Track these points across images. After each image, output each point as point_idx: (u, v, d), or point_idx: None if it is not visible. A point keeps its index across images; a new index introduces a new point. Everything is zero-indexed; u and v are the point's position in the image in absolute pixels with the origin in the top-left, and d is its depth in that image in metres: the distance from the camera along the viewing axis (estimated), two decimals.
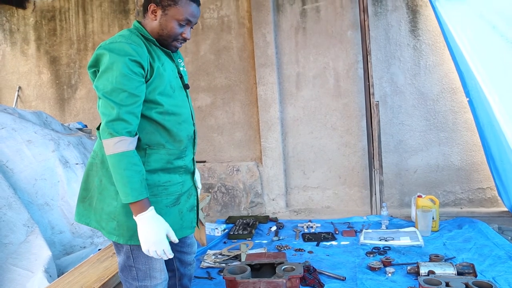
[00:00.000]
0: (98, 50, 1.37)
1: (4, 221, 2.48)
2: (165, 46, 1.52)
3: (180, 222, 1.54)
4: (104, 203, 1.46)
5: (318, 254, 2.89)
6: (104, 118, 1.33)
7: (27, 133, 3.12)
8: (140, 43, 1.41)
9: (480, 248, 2.77)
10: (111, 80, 1.32)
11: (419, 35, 3.76)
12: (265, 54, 4.06)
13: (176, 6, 1.44)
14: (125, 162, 1.32)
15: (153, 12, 1.47)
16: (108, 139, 1.31)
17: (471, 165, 3.72)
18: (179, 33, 1.49)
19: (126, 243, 1.45)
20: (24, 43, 4.96)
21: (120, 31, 1.49)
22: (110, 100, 1.32)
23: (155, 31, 1.48)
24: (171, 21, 1.46)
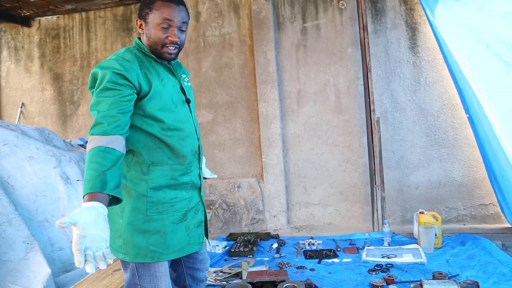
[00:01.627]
0: (92, 70, 1.40)
1: (4, 238, 2.46)
2: (160, 56, 1.51)
3: (187, 238, 1.52)
4: (111, 221, 1.41)
5: (320, 271, 2.86)
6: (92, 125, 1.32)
7: (29, 149, 3.13)
8: (131, 60, 1.42)
9: (484, 266, 2.73)
10: (96, 93, 1.35)
11: (419, 52, 3.80)
12: (266, 71, 4.10)
13: (152, 11, 1.47)
14: (88, 158, 1.26)
15: (140, 27, 1.51)
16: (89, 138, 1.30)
17: (473, 181, 3.70)
18: (164, 37, 1.48)
19: (132, 261, 1.44)
20: (28, 60, 5.02)
21: (121, 50, 1.52)
22: (95, 110, 1.33)
23: (147, 44, 1.50)
24: (153, 28, 1.47)
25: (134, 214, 1.44)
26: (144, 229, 1.44)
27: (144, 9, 1.49)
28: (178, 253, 1.49)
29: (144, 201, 1.44)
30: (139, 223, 1.44)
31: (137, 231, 1.41)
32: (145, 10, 1.48)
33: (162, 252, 1.46)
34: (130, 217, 1.43)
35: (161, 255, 1.46)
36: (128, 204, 1.44)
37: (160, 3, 1.47)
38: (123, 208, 1.44)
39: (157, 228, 1.46)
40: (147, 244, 1.44)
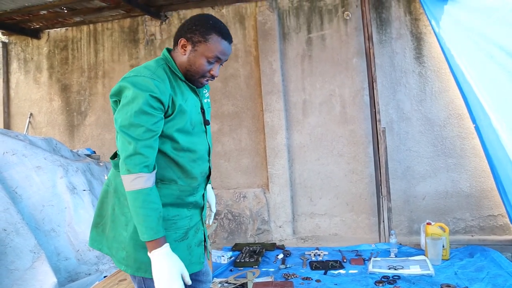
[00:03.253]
0: (122, 82, 1.35)
1: (11, 247, 2.48)
2: (192, 81, 1.48)
3: (189, 257, 1.50)
4: (116, 232, 1.45)
5: (326, 283, 2.83)
6: (122, 153, 1.32)
7: (37, 159, 3.16)
8: (164, 78, 1.38)
9: (494, 278, 2.69)
10: (129, 115, 1.30)
11: (424, 62, 3.81)
12: (271, 81, 4.12)
13: (207, 43, 1.41)
14: (141, 200, 1.30)
15: (183, 47, 1.44)
16: (126, 175, 1.30)
17: (480, 192, 3.66)
18: (207, 70, 1.45)
19: (133, 274, 1.44)
20: (37, 72, 5.10)
21: (150, 61, 1.46)
22: (127, 134, 1.30)
23: (183, 66, 1.45)
24: (200, 58, 1.42)
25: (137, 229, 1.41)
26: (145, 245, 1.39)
27: (196, 35, 1.42)
28: None
29: None
30: None
31: (140, 246, 1.39)
32: (198, 37, 1.41)
33: None
34: (133, 231, 1.41)
35: None
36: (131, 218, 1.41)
37: (216, 38, 1.42)
38: (128, 221, 1.42)
39: None
40: (149, 259, 1.39)
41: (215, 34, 1.41)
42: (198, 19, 1.44)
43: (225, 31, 1.44)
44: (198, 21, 1.43)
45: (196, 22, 1.43)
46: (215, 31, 1.41)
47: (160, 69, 1.40)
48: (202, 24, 1.42)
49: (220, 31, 1.42)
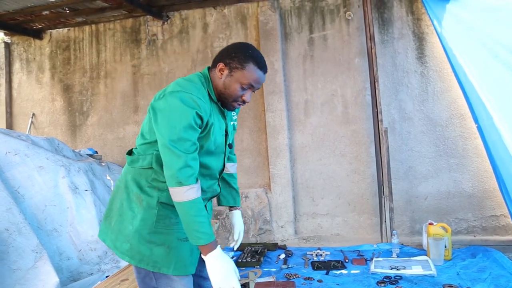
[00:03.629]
0: (171, 97, 1.40)
1: (14, 247, 2.49)
2: (224, 104, 1.57)
3: (190, 258, 1.56)
4: (122, 225, 1.53)
5: (327, 283, 2.83)
6: (172, 166, 1.38)
7: (39, 159, 3.17)
8: (206, 100, 1.48)
9: (496, 279, 2.68)
10: (178, 129, 1.38)
11: (426, 62, 3.80)
12: (273, 81, 4.12)
13: (243, 70, 1.49)
14: (196, 209, 1.40)
15: (220, 71, 1.52)
16: (178, 187, 1.38)
17: (483, 192, 3.65)
18: (240, 95, 1.53)
19: (136, 265, 1.52)
20: (40, 72, 5.11)
21: (192, 77, 1.53)
22: (176, 148, 1.37)
23: (218, 88, 1.53)
24: (235, 83, 1.50)
25: (142, 224, 1.51)
26: (149, 239, 1.51)
27: (234, 61, 1.50)
28: (178, 270, 1.52)
29: (154, 214, 1.51)
30: (146, 233, 1.51)
31: (143, 239, 1.49)
32: (236, 63, 1.50)
33: (163, 265, 1.51)
34: (138, 226, 1.50)
35: (162, 267, 1.51)
36: (138, 213, 1.51)
37: (253, 67, 1.50)
38: (134, 216, 1.51)
39: (162, 241, 1.52)
40: (151, 253, 1.51)
41: (252, 63, 1.50)
42: (239, 47, 1.54)
43: (262, 61, 1.53)
44: (238, 49, 1.53)
45: (236, 49, 1.53)
46: (253, 60, 1.50)
47: (203, 88, 1.50)
48: (241, 52, 1.51)
49: (257, 60, 1.51)
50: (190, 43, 4.53)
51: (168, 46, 4.61)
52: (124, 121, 4.76)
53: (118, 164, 4.55)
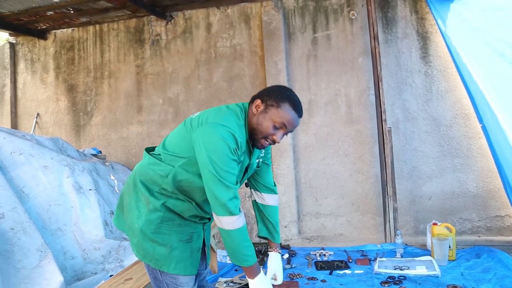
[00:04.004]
0: (215, 131, 1.44)
1: (19, 246, 2.50)
2: (253, 140, 1.59)
3: (190, 259, 1.63)
4: (130, 221, 1.62)
5: (331, 283, 2.82)
6: (221, 196, 1.45)
7: (43, 158, 3.19)
8: (244, 137, 1.53)
9: (501, 279, 2.66)
10: (225, 164, 1.44)
11: (430, 61, 3.78)
12: (277, 81, 4.12)
13: (278, 108, 1.52)
14: (244, 235, 1.51)
15: (256, 107, 1.55)
16: (228, 216, 1.46)
17: (487, 192, 3.64)
18: (271, 134, 1.54)
19: (141, 259, 1.61)
20: (44, 72, 5.13)
21: (234, 109, 1.56)
22: (226, 180, 1.44)
23: (251, 124, 1.56)
24: (268, 121, 1.53)
25: (147, 224, 1.57)
26: (153, 239, 1.57)
27: (271, 99, 1.53)
28: (178, 270, 1.58)
29: (159, 216, 1.57)
30: (150, 233, 1.57)
31: (148, 238, 1.56)
32: (272, 101, 1.53)
33: (164, 263, 1.58)
34: (143, 225, 1.57)
35: (163, 265, 1.58)
36: (144, 214, 1.58)
37: (288, 107, 1.52)
38: (139, 215, 1.58)
39: (165, 241, 1.58)
40: (153, 252, 1.58)
41: (288, 104, 1.52)
42: (278, 88, 1.59)
43: (298, 104, 1.55)
44: (277, 89, 1.57)
45: (275, 89, 1.57)
46: (289, 101, 1.53)
47: (243, 127, 1.55)
48: (279, 92, 1.55)
49: (293, 103, 1.54)
50: (194, 43, 4.54)
51: (172, 46, 4.62)
52: (128, 121, 4.77)
53: (122, 163, 4.56)
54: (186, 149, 1.53)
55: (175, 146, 1.57)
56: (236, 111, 1.56)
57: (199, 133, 1.47)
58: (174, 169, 1.55)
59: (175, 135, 1.61)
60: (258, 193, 1.86)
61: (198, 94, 4.51)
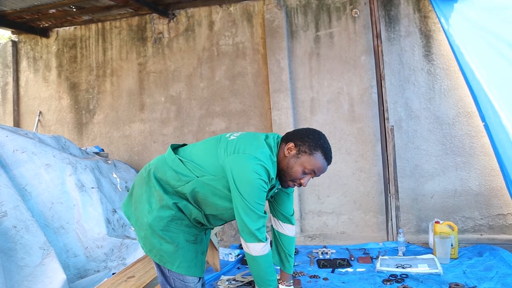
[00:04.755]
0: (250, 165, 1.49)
1: (21, 244, 2.51)
2: (280, 179, 1.63)
3: (194, 260, 1.67)
4: (139, 214, 1.64)
5: (333, 281, 2.83)
6: (251, 225, 1.53)
7: (46, 157, 3.19)
8: (274, 170, 1.58)
9: (503, 278, 2.66)
10: (256, 196, 1.51)
11: (433, 60, 3.77)
12: (279, 79, 4.12)
13: (310, 156, 1.56)
14: (269, 261, 1.59)
15: (289, 150, 1.59)
16: (257, 243, 1.55)
17: (490, 190, 3.63)
18: (299, 178, 1.60)
19: (147, 253, 1.65)
20: (46, 70, 5.14)
21: (269, 146, 1.59)
22: (255, 210, 1.52)
23: (280, 164, 1.60)
24: (299, 166, 1.57)
25: (157, 220, 1.59)
26: (161, 235, 1.60)
27: (304, 145, 1.57)
28: (181, 269, 1.62)
29: (170, 214, 1.60)
30: (158, 230, 1.59)
31: (156, 234, 1.59)
32: (305, 148, 1.57)
33: (168, 261, 1.61)
34: (153, 220, 1.59)
35: (167, 262, 1.61)
36: (155, 210, 1.60)
37: (320, 156, 1.57)
38: (150, 210, 1.60)
39: (172, 239, 1.61)
40: (160, 248, 1.60)
41: (320, 153, 1.57)
42: (313, 134, 1.62)
43: (329, 153, 1.61)
44: (312, 135, 1.61)
45: (310, 135, 1.61)
46: (322, 150, 1.58)
47: (275, 164, 1.59)
48: (313, 139, 1.59)
49: (325, 152, 1.59)
50: (196, 41, 4.54)
51: (174, 44, 4.62)
52: (130, 119, 4.78)
53: (125, 162, 4.57)
54: (213, 168, 1.55)
55: (203, 160, 1.59)
56: (270, 146, 1.59)
57: (234, 161, 1.51)
58: (196, 179, 1.57)
59: (205, 149, 1.63)
60: (276, 221, 1.88)
61: (200, 92, 4.51)
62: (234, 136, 1.61)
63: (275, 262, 1.88)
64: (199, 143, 1.70)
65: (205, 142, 1.69)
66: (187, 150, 1.67)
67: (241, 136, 1.61)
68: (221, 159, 1.53)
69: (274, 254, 1.89)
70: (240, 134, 1.64)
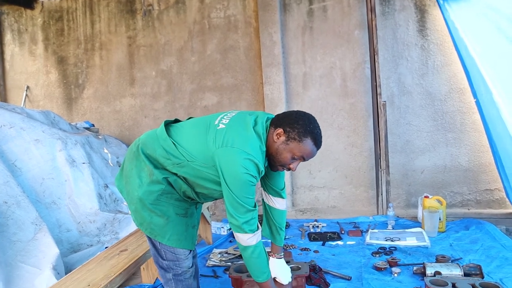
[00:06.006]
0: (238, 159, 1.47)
1: (13, 219, 2.50)
2: (269, 164, 1.62)
3: (185, 233, 1.68)
4: (129, 188, 1.65)
5: (324, 253, 2.89)
6: (239, 218, 1.55)
7: (35, 132, 3.15)
8: (263, 162, 1.56)
9: (488, 250, 2.74)
10: (245, 191, 1.52)
11: (427, 35, 3.74)
12: (271, 53, 4.06)
13: (300, 143, 1.54)
14: (258, 252, 1.59)
15: (278, 135, 1.56)
16: (243, 234, 1.56)
17: (478, 166, 3.68)
18: (288, 164, 1.59)
19: (138, 227, 1.68)
20: (32, 43, 5.00)
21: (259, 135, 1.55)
22: (244, 204, 1.53)
23: (269, 150, 1.58)
24: (288, 152, 1.56)
25: (147, 194, 1.60)
26: (151, 209, 1.61)
27: (294, 132, 1.54)
28: (172, 242, 1.64)
29: (160, 188, 1.60)
30: (148, 203, 1.61)
31: (146, 208, 1.61)
32: (294, 135, 1.54)
33: (159, 233, 1.63)
34: (143, 194, 1.60)
35: (157, 235, 1.64)
36: (145, 184, 1.60)
37: (310, 142, 1.55)
38: (140, 184, 1.60)
39: (162, 212, 1.62)
40: (150, 221, 1.63)
41: (310, 139, 1.55)
42: (302, 119, 1.58)
43: (319, 138, 1.59)
44: (302, 121, 1.57)
45: (300, 121, 1.57)
46: (311, 136, 1.55)
47: (264, 154, 1.57)
48: (303, 125, 1.55)
49: (315, 137, 1.57)
50: (187, 13, 4.43)
51: (164, 16, 4.50)
52: (121, 94, 4.71)
53: (116, 137, 4.53)
54: (203, 156, 1.54)
55: (193, 147, 1.57)
56: (259, 134, 1.55)
57: (223, 155, 1.49)
58: (187, 162, 1.57)
59: (195, 135, 1.59)
60: (267, 195, 1.89)
61: (191, 66, 4.44)
62: (223, 124, 1.56)
63: (265, 235, 1.91)
64: (190, 125, 1.65)
65: (195, 125, 1.64)
66: (179, 131, 1.63)
67: (229, 124, 1.56)
68: (211, 150, 1.51)
69: (265, 227, 1.91)
70: (229, 120, 1.59)
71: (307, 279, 2.28)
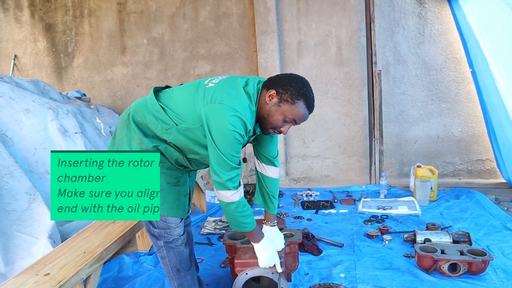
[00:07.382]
0: (226, 115, 1.44)
1: (7, 189, 2.50)
2: (260, 126, 1.60)
3: (176, 202, 1.68)
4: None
5: (316, 221, 2.94)
6: (223, 175, 1.52)
7: (25, 102, 3.09)
8: (252, 121, 1.55)
9: (476, 218, 2.81)
10: (231, 148, 1.49)
11: (425, 2, 3.65)
12: (266, 21, 3.96)
13: (292, 105, 1.52)
14: (241, 206, 1.57)
15: (270, 97, 1.54)
16: (227, 191, 1.53)
17: (471, 137, 3.71)
18: (280, 126, 1.57)
19: None
20: (18, 10, 4.82)
21: (249, 95, 1.53)
22: (229, 161, 1.50)
23: (261, 111, 1.56)
24: (280, 115, 1.54)
25: None
26: None
27: (286, 94, 1.52)
28: (164, 211, 1.64)
29: None
30: None
31: None
32: (287, 97, 1.52)
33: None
34: None
35: None
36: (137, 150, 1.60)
37: (302, 105, 1.53)
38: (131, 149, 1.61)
39: None
40: None
41: (302, 102, 1.53)
42: (296, 81, 1.56)
43: (312, 102, 1.56)
44: (295, 83, 1.55)
45: (293, 83, 1.55)
46: (304, 99, 1.53)
47: (254, 113, 1.56)
48: (296, 87, 1.53)
49: (308, 100, 1.54)
50: None
51: None
52: (112, 63, 4.60)
53: (108, 106, 4.47)
54: (191, 117, 1.52)
55: (182, 109, 1.55)
56: (250, 94, 1.53)
57: (210, 112, 1.47)
58: (175, 127, 1.55)
59: (184, 96, 1.57)
60: (260, 163, 1.88)
61: (184, 34, 4.33)
62: (212, 83, 1.56)
63: (258, 203, 1.92)
64: (180, 88, 1.65)
65: (185, 87, 1.63)
66: (168, 96, 1.62)
67: (219, 84, 1.55)
68: (198, 108, 1.49)
69: (257, 195, 1.92)
70: (219, 80, 1.58)
71: (300, 245, 2.32)
